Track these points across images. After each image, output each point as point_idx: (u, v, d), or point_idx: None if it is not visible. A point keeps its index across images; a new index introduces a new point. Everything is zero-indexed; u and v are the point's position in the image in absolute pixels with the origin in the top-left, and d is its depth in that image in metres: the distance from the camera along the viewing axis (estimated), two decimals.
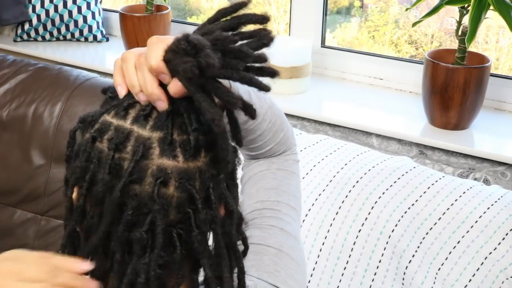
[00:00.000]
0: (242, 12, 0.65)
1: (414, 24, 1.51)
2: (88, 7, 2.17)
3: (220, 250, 0.66)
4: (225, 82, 0.75)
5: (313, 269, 1.28)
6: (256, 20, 0.64)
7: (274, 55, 1.94)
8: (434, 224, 1.22)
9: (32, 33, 2.21)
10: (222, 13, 0.65)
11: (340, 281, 1.27)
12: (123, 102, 0.64)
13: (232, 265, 0.68)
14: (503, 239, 1.17)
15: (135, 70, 0.63)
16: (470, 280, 1.17)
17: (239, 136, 0.67)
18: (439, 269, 1.20)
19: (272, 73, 0.66)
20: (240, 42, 0.63)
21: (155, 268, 0.61)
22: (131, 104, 0.64)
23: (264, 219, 0.84)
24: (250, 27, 0.65)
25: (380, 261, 1.24)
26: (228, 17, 0.65)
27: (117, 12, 2.10)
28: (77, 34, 2.19)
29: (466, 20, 1.42)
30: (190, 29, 0.66)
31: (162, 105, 0.62)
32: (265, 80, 0.64)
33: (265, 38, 0.63)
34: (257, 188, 0.88)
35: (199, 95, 0.60)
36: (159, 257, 0.62)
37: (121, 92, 0.65)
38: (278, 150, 0.90)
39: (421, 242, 1.22)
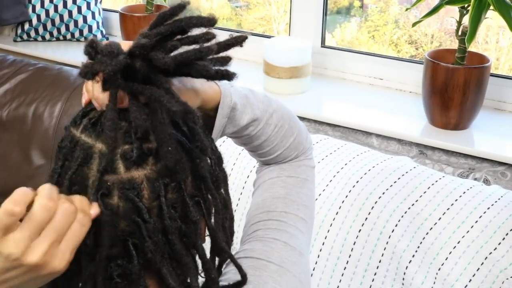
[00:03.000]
0: (183, 14, 0.62)
1: (414, 24, 1.51)
2: (88, 7, 2.17)
3: (183, 259, 0.63)
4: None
5: (313, 269, 1.28)
6: (198, 23, 0.61)
7: (275, 55, 1.94)
8: (434, 224, 1.22)
9: (32, 33, 2.21)
10: (161, 17, 0.62)
11: (340, 281, 1.27)
12: (82, 110, 0.65)
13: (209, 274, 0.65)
14: (503, 239, 1.17)
15: None
16: (470, 280, 1.17)
17: (198, 144, 0.64)
18: (439, 269, 1.20)
19: (227, 75, 0.64)
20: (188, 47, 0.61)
21: (99, 276, 0.60)
22: (86, 112, 0.64)
23: (268, 231, 0.80)
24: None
25: (380, 261, 1.24)
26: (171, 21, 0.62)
27: (117, 12, 2.10)
28: (77, 34, 2.19)
29: (466, 20, 1.42)
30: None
31: None
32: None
33: (202, 48, 0.61)
34: (265, 197, 0.85)
35: (109, 104, 0.59)
36: (117, 266, 0.61)
37: (82, 101, 0.65)
38: (289, 155, 0.87)
39: (421, 242, 1.22)
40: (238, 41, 0.65)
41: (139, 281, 0.62)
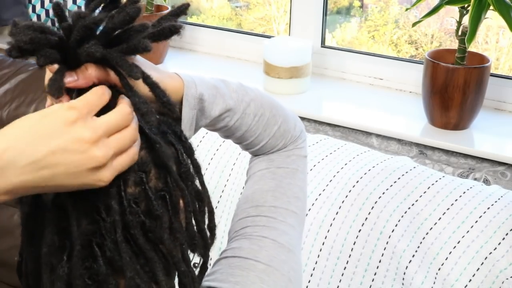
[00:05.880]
0: None
1: (414, 24, 1.51)
2: None
3: (147, 254, 0.61)
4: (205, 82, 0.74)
5: (313, 269, 1.28)
6: None
7: (275, 55, 1.94)
8: (434, 224, 1.22)
9: None
10: None
11: (340, 281, 1.27)
12: None
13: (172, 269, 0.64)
14: (503, 239, 1.17)
15: None
16: (470, 280, 1.17)
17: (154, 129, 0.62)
18: (439, 269, 1.20)
19: (174, 28, 0.63)
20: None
21: (76, 279, 0.59)
22: None
23: (256, 229, 0.79)
24: None
25: (380, 261, 1.24)
26: None
27: None
28: None
29: (466, 20, 1.42)
30: (190, 29, 0.65)
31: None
32: None
33: (129, 7, 0.60)
34: (254, 190, 0.83)
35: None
36: (85, 268, 0.59)
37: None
38: (276, 144, 0.85)
39: (421, 242, 1.22)
40: (181, 9, 0.66)
41: (108, 280, 0.60)
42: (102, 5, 0.62)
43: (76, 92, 0.60)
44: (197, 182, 0.67)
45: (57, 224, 0.59)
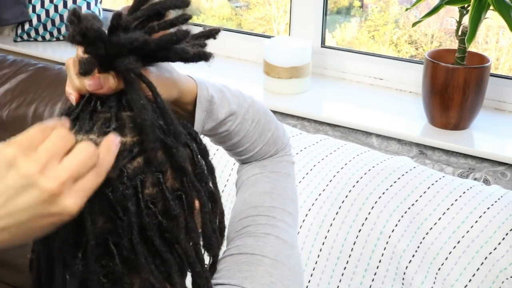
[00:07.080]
0: None
1: (414, 24, 1.51)
2: (88, 7, 2.17)
3: (163, 256, 0.61)
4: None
5: (313, 269, 1.28)
6: (173, 5, 0.62)
7: (275, 55, 1.94)
8: (434, 224, 1.22)
9: (32, 33, 2.21)
10: (138, 2, 0.63)
11: (340, 281, 1.27)
12: (61, 113, 0.64)
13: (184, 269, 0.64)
14: (503, 239, 1.17)
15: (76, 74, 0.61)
16: (470, 280, 1.17)
17: (172, 129, 0.61)
18: (439, 269, 1.20)
19: (204, 55, 0.63)
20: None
21: (91, 276, 0.59)
22: (67, 113, 0.63)
23: (258, 227, 0.80)
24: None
25: (380, 261, 1.24)
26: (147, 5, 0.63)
27: None
28: None
29: (466, 20, 1.42)
30: (190, 29, 0.65)
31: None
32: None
33: (178, 32, 0.60)
34: (251, 192, 0.85)
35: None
36: (102, 266, 0.60)
37: (72, 100, 0.63)
38: (268, 151, 0.87)
39: (421, 242, 1.22)
40: (212, 33, 0.66)
41: (123, 279, 0.60)
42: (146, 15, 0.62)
43: (95, 99, 0.61)
44: (210, 184, 0.68)
45: (73, 220, 0.59)
